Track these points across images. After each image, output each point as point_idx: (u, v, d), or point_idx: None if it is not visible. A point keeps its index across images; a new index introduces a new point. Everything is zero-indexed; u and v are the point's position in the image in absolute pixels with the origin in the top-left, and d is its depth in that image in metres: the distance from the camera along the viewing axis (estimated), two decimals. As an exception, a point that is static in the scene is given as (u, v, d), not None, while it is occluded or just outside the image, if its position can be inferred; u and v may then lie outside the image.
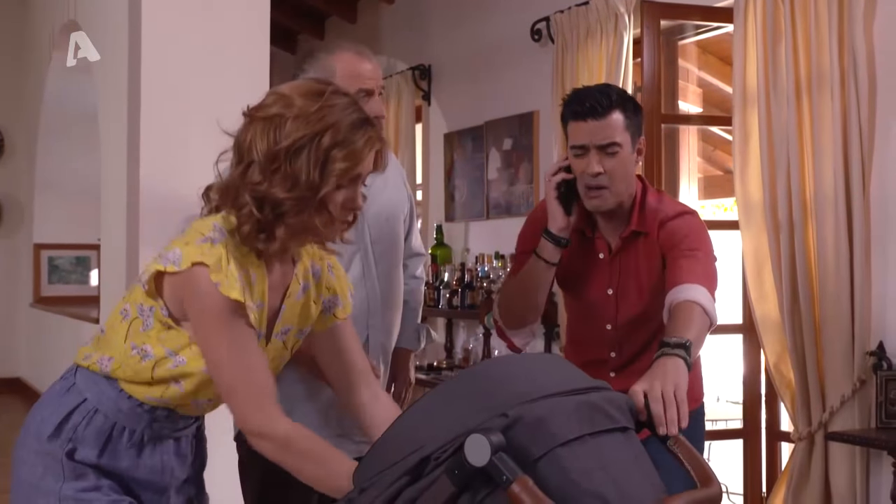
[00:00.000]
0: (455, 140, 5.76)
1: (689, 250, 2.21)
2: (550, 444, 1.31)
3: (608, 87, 2.30)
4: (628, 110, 2.24)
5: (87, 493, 1.71)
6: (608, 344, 2.36)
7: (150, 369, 1.71)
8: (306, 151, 1.62)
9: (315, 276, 1.86)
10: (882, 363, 3.22)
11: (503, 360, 1.62)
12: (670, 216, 2.30)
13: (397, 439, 1.41)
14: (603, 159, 2.22)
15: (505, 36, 5.29)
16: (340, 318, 1.89)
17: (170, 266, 1.63)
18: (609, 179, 2.23)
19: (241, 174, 1.66)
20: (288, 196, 1.63)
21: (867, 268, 3.29)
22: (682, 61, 5.01)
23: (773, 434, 4.08)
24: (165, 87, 3.48)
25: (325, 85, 1.69)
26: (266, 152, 1.63)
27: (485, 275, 5.23)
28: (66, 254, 8.09)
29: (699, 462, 1.49)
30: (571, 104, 2.25)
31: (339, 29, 7.04)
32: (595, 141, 2.21)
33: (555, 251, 2.27)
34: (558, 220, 2.26)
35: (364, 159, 1.66)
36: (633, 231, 2.30)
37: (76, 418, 1.74)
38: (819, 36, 3.36)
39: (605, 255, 2.34)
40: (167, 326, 1.69)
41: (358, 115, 1.66)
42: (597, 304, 2.36)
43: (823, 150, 3.36)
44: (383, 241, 2.36)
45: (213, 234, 1.65)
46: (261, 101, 1.70)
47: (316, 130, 1.62)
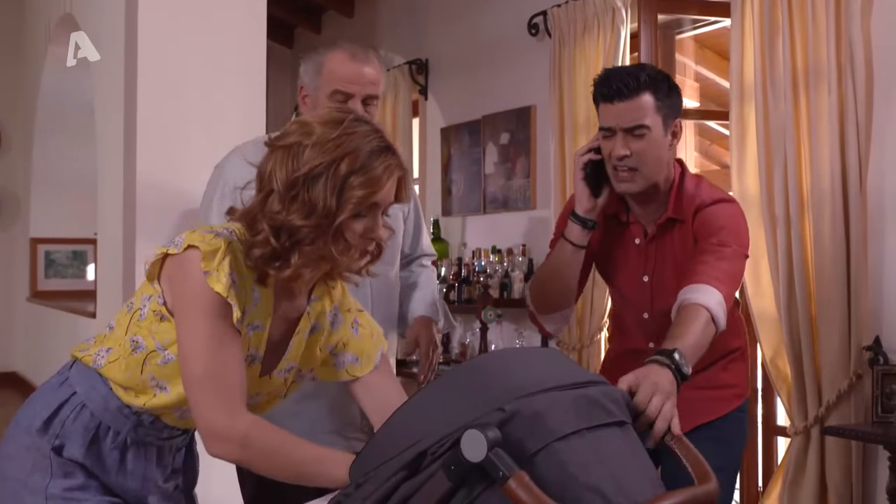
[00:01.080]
0: (452, 134, 5.75)
1: (720, 245, 2.13)
2: (548, 438, 1.31)
3: (641, 67, 2.21)
4: (661, 91, 2.15)
5: (74, 493, 1.70)
6: (646, 333, 2.31)
7: (141, 363, 1.69)
8: (324, 178, 1.60)
9: (332, 323, 1.83)
10: (878, 358, 3.23)
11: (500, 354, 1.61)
12: (707, 203, 2.22)
13: (394, 434, 1.41)
14: (630, 142, 2.14)
15: (502, 30, 5.28)
16: (354, 374, 1.85)
17: (171, 248, 1.63)
18: (637, 161, 2.15)
19: (261, 202, 1.65)
20: (305, 224, 1.61)
21: (864, 262, 3.30)
22: (679, 56, 5.01)
23: (770, 428, 4.09)
24: (162, 81, 3.47)
25: (345, 113, 1.68)
26: (285, 180, 1.62)
27: (482, 269, 5.23)
28: (62, 248, 8.07)
29: (696, 458, 1.49)
30: (600, 85, 2.18)
31: (335, 23, 7.03)
32: (621, 123, 2.14)
33: (582, 234, 2.23)
34: (584, 201, 2.21)
35: (383, 186, 1.63)
36: (669, 218, 2.24)
37: (64, 412, 1.73)
38: (816, 30, 3.36)
39: (640, 240, 2.28)
40: (160, 317, 1.67)
41: (378, 143, 1.64)
42: (633, 291, 2.31)
43: (820, 144, 3.36)
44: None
45: (222, 230, 1.64)
46: (283, 130, 1.70)
47: (334, 157, 1.61)
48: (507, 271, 5.10)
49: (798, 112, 3.45)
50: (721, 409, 2.31)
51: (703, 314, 1.98)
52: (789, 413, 3.58)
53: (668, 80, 2.19)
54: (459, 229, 5.71)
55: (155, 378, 1.70)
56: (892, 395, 3.19)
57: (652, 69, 2.20)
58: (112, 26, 4.14)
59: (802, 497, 3.46)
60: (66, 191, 7.77)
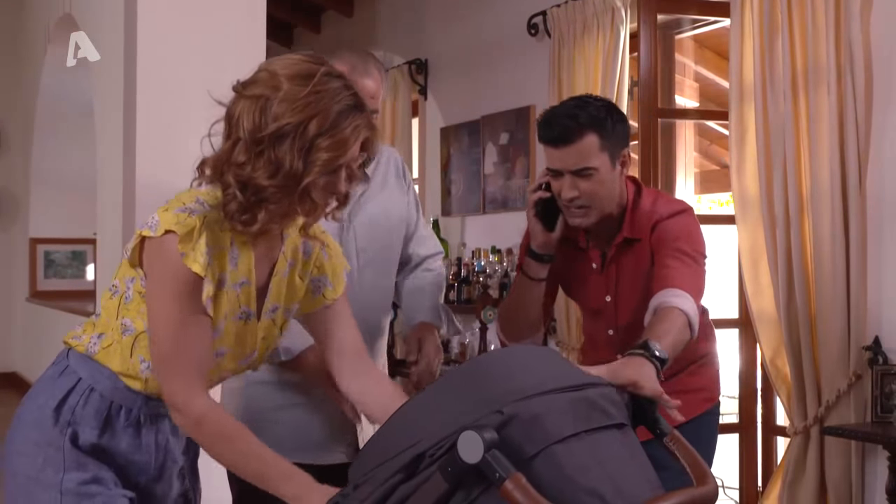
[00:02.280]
0: (451, 134, 5.75)
1: (679, 252, 2.15)
2: (546, 441, 1.31)
3: (582, 106, 2.14)
4: (604, 129, 2.11)
5: (88, 486, 1.69)
6: (614, 346, 2.33)
7: (131, 345, 1.70)
8: (290, 138, 1.59)
9: (305, 253, 1.84)
10: (878, 358, 3.23)
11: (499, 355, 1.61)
12: (664, 217, 2.22)
13: (392, 435, 1.40)
14: (578, 182, 2.13)
15: (501, 30, 5.28)
16: (329, 298, 1.86)
17: (146, 231, 1.63)
18: (588, 200, 2.15)
19: (229, 151, 1.64)
20: (270, 184, 1.60)
21: (863, 262, 3.29)
22: (678, 56, 5.00)
23: (769, 428, 4.09)
24: (161, 80, 3.47)
25: (317, 65, 1.64)
26: (251, 132, 1.60)
27: (481, 269, 5.23)
28: (62, 248, 8.07)
29: (695, 459, 1.49)
30: (542, 128, 2.16)
31: (335, 23, 7.02)
32: (567, 167, 2.13)
33: (539, 268, 2.25)
34: (538, 237, 2.22)
35: (350, 148, 1.62)
36: (625, 238, 2.24)
37: (73, 399, 1.72)
38: (816, 30, 3.36)
39: (597, 264, 2.30)
40: (145, 298, 1.68)
41: (347, 102, 1.62)
42: (597, 310, 2.34)
43: (820, 144, 3.36)
44: (371, 248, 2.28)
45: (194, 205, 1.64)
46: (251, 75, 1.67)
47: (302, 118, 1.58)
48: (506, 271, 5.10)
49: (797, 112, 3.45)
50: (691, 413, 2.30)
51: (681, 317, 1.99)
52: (789, 413, 3.57)
53: (612, 112, 2.15)
54: (459, 229, 5.71)
55: (145, 360, 1.71)
56: (891, 395, 3.19)
57: (593, 105, 2.14)
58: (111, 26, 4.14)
59: (802, 497, 3.46)
60: (66, 191, 7.77)
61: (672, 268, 2.11)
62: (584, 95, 2.23)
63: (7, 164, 8.48)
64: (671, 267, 2.12)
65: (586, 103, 2.16)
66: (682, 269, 2.12)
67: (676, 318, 1.99)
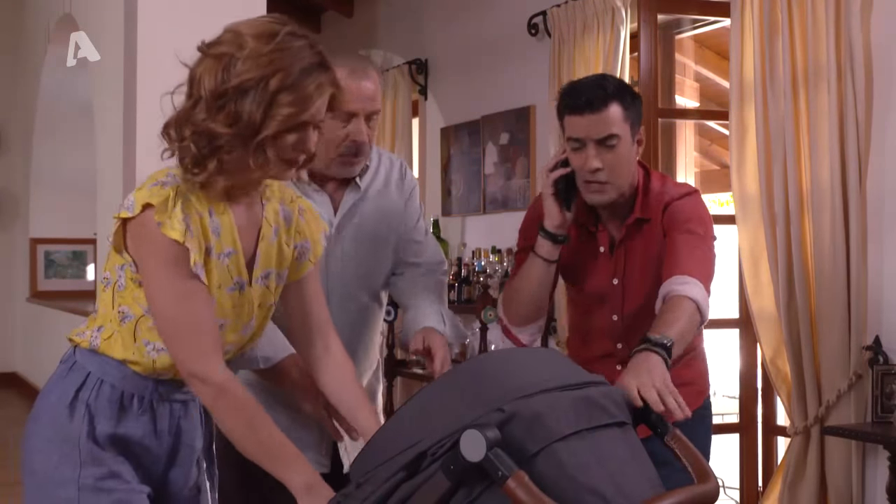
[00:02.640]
0: (452, 134, 5.75)
1: (690, 233, 2.17)
2: (547, 439, 1.31)
3: (604, 78, 2.22)
4: (626, 101, 2.17)
5: (105, 482, 1.70)
6: (615, 336, 2.32)
7: (132, 331, 1.71)
8: (252, 93, 1.59)
9: (286, 219, 1.84)
10: (878, 357, 3.23)
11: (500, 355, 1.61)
12: (675, 197, 2.24)
13: (394, 434, 1.41)
14: (601, 153, 2.15)
15: (501, 30, 5.28)
16: (313, 262, 1.88)
17: (123, 212, 1.63)
18: (608, 174, 2.16)
19: (189, 109, 1.64)
20: (226, 132, 1.61)
21: (863, 262, 3.29)
22: (678, 56, 5.01)
23: (770, 428, 4.09)
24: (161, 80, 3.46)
25: (280, 25, 1.65)
26: (213, 90, 1.61)
27: (481, 269, 5.23)
28: (62, 248, 8.08)
29: (696, 457, 1.49)
30: (567, 97, 2.18)
31: (335, 23, 7.03)
32: (592, 135, 2.14)
33: (552, 249, 2.23)
34: (555, 217, 2.21)
35: (312, 105, 1.63)
36: (637, 218, 2.25)
37: (84, 393, 1.73)
38: (816, 30, 3.36)
39: (605, 248, 2.30)
40: (138, 283, 1.69)
41: (311, 60, 1.63)
42: (603, 294, 2.31)
43: (820, 144, 3.36)
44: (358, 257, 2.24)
45: (165, 178, 1.65)
46: (217, 36, 1.68)
47: (264, 73, 1.59)
48: (506, 271, 5.10)
49: (798, 111, 3.45)
50: None
51: (690, 305, 2.01)
52: (789, 413, 3.57)
53: (631, 88, 2.22)
54: (459, 229, 5.71)
55: (150, 342, 1.72)
56: (891, 395, 3.19)
57: (615, 79, 2.22)
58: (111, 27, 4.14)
59: (802, 497, 3.46)
60: (66, 191, 7.78)
61: (683, 251, 2.13)
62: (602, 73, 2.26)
63: (7, 165, 8.48)
64: (682, 250, 2.13)
65: (608, 77, 2.23)
66: (693, 252, 2.13)
67: (686, 306, 2.00)
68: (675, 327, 1.92)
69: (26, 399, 7.07)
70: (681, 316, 1.97)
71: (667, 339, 1.85)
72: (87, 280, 7.96)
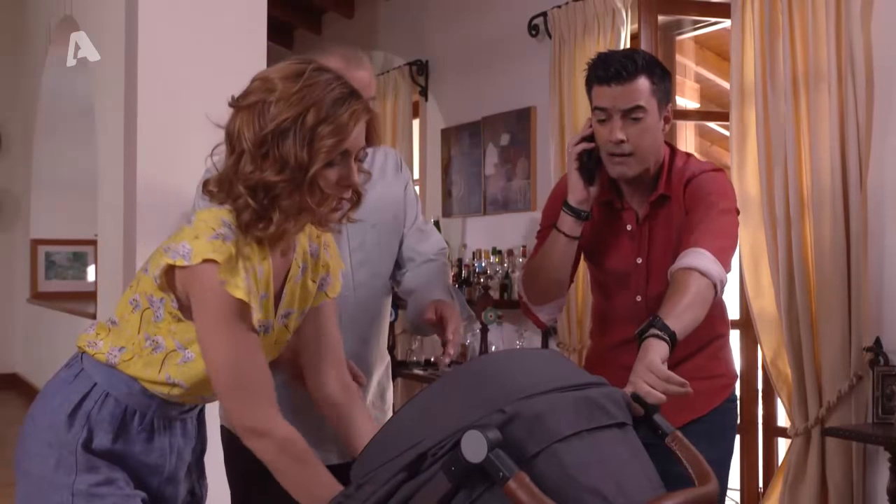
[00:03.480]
0: (452, 136, 5.75)
1: (711, 206, 2.15)
2: (548, 439, 1.31)
3: (635, 51, 2.23)
4: (655, 75, 2.17)
5: (100, 488, 1.71)
6: (636, 319, 2.24)
7: (161, 362, 1.72)
8: (292, 132, 1.61)
9: (313, 255, 1.86)
10: (879, 359, 3.23)
11: (501, 356, 1.61)
12: (696, 173, 2.23)
13: (395, 434, 1.41)
14: (627, 126, 2.14)
15: (502, 31, 5.28)
16: (330, 296, 1.89)
17: (179, 260, 1.62)
18: (633, 147, 2.15)
19: (234, 165, 1.65)
20: (279, 179, 1.62)
21: (864, 263, 3.29)
22: (679, 57, 5.01)
23: (770, 429, 4.09)
24: (162, 81, 3.48)
25: (305, 64, 1.68)
26: (254, 140, 1.62)
27: (482, 270, 5.23)
28: (63, 249, 8.08)
29: (697, 459, 1.49)
30: (596, 68, 2.18)
31: (335, 24, 7.03)
32: (619, 105, 2.14)
33: (575, 224, 2.22)
34: (578, 192, 2.20)
35: (351, 133, 1.65)
36: (660, 195, 2.24)
37: (88, 404, 1.73)
38: (816, 31, 3.36)
39: (632, 226, 2.27)
40: (177, 319, 1.70)
41: (341, 91, 1.65)
42: (626, 274, 2.29)
43: (820, 145, 3.36)
44: (364, 248, 2.27)
45: (224, 230, 1.64)
46: (245, 88, 1.70)
47: (299, 111, 1.61)
48: (507, 272, 5.10)
49: (798, 113, 3.45)
50: (713, 402, 2.29)
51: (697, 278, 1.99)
52: (790, 414, 3.57)
53: (661, 65, 2.22)
54: (460, 230, 5.71)
55: (172, 378, 1.73)
56: (892, 396, 3.19)
57: (646, 54, 2.21)
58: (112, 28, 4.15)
59: (803, 498, 3.45)
60: (67, 192, 7.78)
61: (700, 224, 2.11)
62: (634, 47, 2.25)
63: (8, 166, 8.48)
64: (699, 223, 2.11)
65: (639, 51, 2.23)
66: (710, 225, 2.11)
67: (692, 281, 1.98)
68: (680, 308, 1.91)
69: (26, 400, 7.07)
70: (687, 293, 1.96)
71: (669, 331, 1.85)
72: (87, 281, 7.96)
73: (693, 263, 2.01)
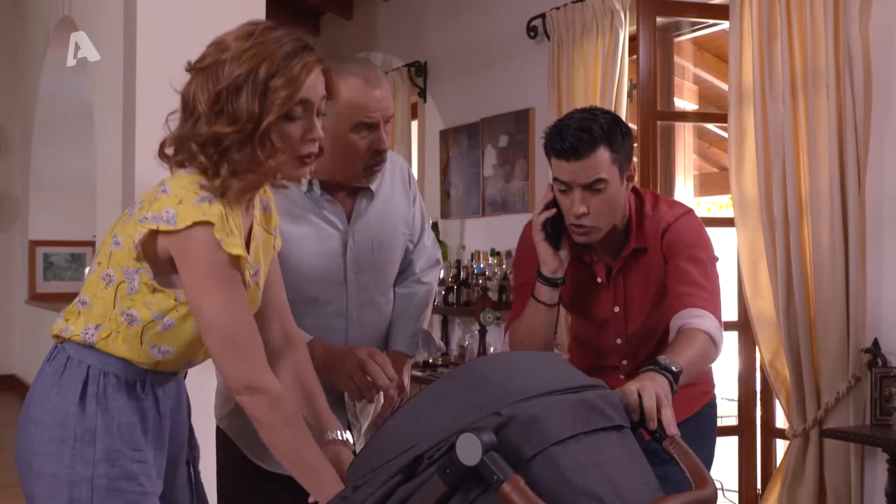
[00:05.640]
0: (451, 137, 5.75)
1: (694, 260, 2.16)
2: (544, 442, 1.31)
3: (592, 119, 2.11)
4: (615, 143, 2.10)
5: (119, 482, 1.71)
6: (619, 354, 2.33)
7: (139, 335, 1.72)
8: (245, 88, 1.63)
9: (264, 208, 1.87)
10: (877, 360, 3.23)
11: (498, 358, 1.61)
12: (671, 222, 2.21)
13: (392, 437, 1.41)
14: (588, 197, 2.10)
15: (501, 32, 5.28)
16: (277, 249, 1.91)
17: (163, 225, 1.62)
18: (594, 218, 2.12)
19: (191, 128, 1.67)
20: (229, 130, 1.63)
21: (862, 265, 3.29)
22: (677, 58, 5.01)
23: (769, 431, 4.08)
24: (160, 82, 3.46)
25: (256, 24, 1.71)
26: (208, 100, 1.64)
27: (480, 272, 5.23)
28: (61, 250, 8.07)
29: (694, 463, 1.49)
30: (552, 140, 2.12)
31: (334, 25, 7.03)
32: (578, 180, 2.09)
33: (552, 293, 2.21)
34: (549, 262, 2.19)
35: (303, 83, 1.65)
36: (634, 249, 2.22)
37: (92, 388, 1.73)
38: (815, 33, 3.36)
39: (602, 279, 2.27)
40: (152, 289, 1.69)
41: (294, 45, 1.67)
42: (605, 321, 2.31)
43: (819, 147, 3.36)
44: (373, 269, 2.25)
45: (206, 193, 1.65)
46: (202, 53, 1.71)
47: (251, 66, 1.63)
48: (505, 273, 5.10)
49: (796, 115, 3.45)
50: (692, 407, 2.32)
51: (704, 337, 2.02)
52: (788, 415, 3.57)
53: (620, 126, 2.13)
54: (458, 232, 5.72)
55: (156, 345, 1.73)
56: (890, 398, 3.19)
57: (604, 118, 2.12)
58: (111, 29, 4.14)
59: (801, 499, 3.45)
60: (65, 193, 7.78)
61: (691, 283, 2.12)
62: (591, 108, 2.18)
63: (6, 167, 8.48)
64: (689, 281, 2.12)
65: (595, 115, 2.13)
66: (701, 283, 2.12)
67: (699, 338, 2.01)
68: (685, 355, 1.92)
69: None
70: (693, 345, 1.98)
71: (675, 364, 1.84)
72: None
73: (703, 326, 2.04)
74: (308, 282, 2.15)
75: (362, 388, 2.10)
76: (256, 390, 1.65)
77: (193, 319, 1.70)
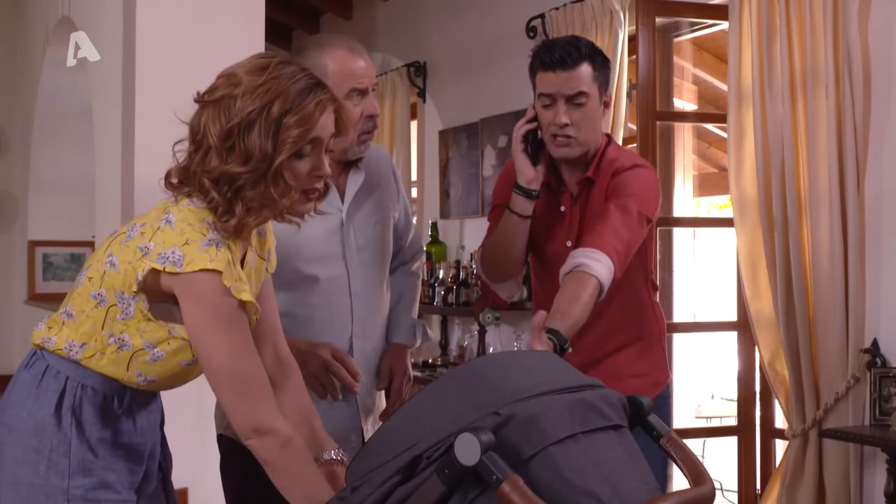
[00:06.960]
0: (450, 137, 5.75)
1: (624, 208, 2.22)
2: (543, 442, 1.31)
3: (578, 38, 2.33)
4: (597, 63, 2.29)
5: (95, 493, 1.70)
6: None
7: (127, 360, 1.71)
8: (258, 124, 1.61)
9: (260, 234, 1.86)
10: (876, 360, 3.23)
11: (497, 358, 1.61)
12: (625, 167, 2.33)
13: (390, 437, 1.40)
14: (570, 110, 2.26)
15: (500, 33, 5.28)
16: (269, 272, 1.90)
17: (169, 266, 1.60)
18: (576, 129, 2.27)
19: (201, 161, 1.65)
20: (243, 170, 1.61)
21: (861, 265, 3.29)
22: (677, 58, 5.01)
23: (768, 431, 4.08)
24: (160, 83, 3.47)
25: (270, 58, 1.69)
26: (219, 134, 1.62)
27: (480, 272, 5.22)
28: (60, 251, 8.06)
29: (692, 460, 1.49)
30: (541, 54, 2.29)
31: (334, 25, 7.03)
32: (563, 91, 2.26)
33: (526, 203, 2.30)
34: (527, 172, 2.30)
35: (317, 122, 1.65)
36: (586, 178, 2.34)
37: (68, 400, 1.72)
38: (814, 33, 3.36)
39: (566, 207, 2.37)
40: (147, 318, 1.68)
41: (307, 81, 1.66)
42: (557, 258, 2.33)
43: (818, 147, 3.36)
44: (371, 246, 2.30)
45: (213, 234, 1.63)
46: (211, 84, 1.70)
47: (264, 102, 1.62)
48: (505, 274, 5.10)
49: (796, 115, 3.45)
50: None
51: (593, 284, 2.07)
52: (787, 416, 3.57)
53: (603, 54, 2.34)
54: (457, 232, 5.71)
55: (142, 373, 1.73)
56: (889, 398, 3.19)
57: (587, 41, 2.33)
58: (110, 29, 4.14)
59: (800, 500, 3.45)
60: (65, 193, 7.76)
61: (608, 224, 2.18)
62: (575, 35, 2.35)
63: (6, 167, 8.46)
64: (607, 222, 2.18)
65: (582, 39, 2.34)
66: (619, 229, 2.18)
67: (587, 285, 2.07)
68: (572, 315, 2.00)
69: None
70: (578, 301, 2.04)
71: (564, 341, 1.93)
72: (85, 282, 7.94)
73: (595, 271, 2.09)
74: (307, 260, 2.19)
75: (327, 387, 2.16)
76: (265, 433, 1.64)
77: (183, 355, 1.70)
